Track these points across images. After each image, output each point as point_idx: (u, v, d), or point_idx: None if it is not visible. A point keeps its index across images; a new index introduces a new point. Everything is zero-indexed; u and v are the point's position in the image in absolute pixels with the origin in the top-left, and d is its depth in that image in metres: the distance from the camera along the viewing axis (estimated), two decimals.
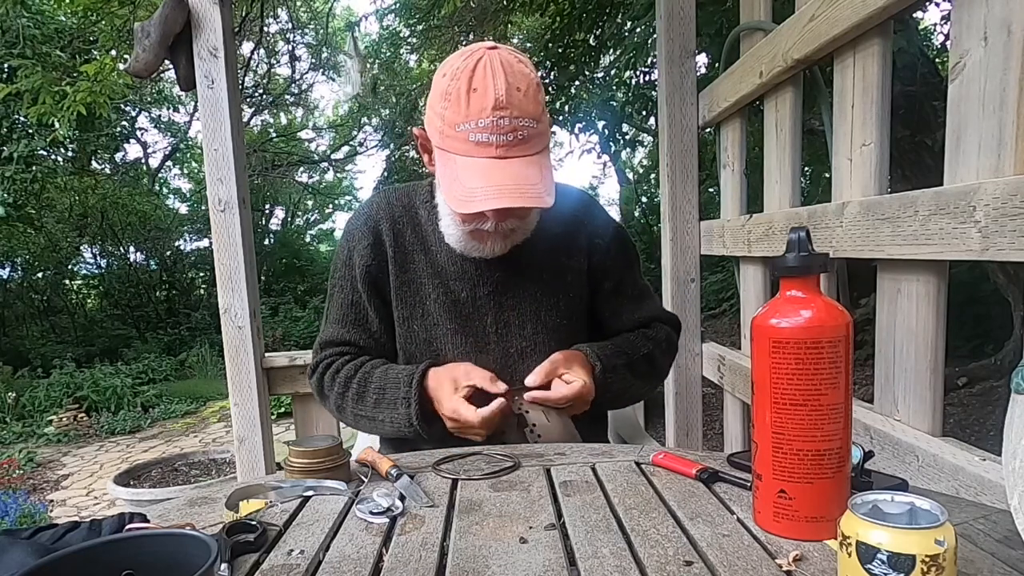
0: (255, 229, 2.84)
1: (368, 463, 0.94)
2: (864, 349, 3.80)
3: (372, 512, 0.78)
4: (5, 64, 6.49)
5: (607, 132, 6.28)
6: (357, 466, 0.95)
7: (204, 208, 7.69)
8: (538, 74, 1.05)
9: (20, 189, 7.13)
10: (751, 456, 0.71)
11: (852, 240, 1.16)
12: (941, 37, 5.34)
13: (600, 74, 6.08)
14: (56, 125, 5.63)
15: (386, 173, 10.15)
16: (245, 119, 10.67)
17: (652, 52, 4.26)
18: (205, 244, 11.61)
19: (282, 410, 5.31)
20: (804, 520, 0.67)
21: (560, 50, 5.31)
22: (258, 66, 11.16)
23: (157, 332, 10.35)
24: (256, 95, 11.26)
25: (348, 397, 1.17)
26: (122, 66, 4.48)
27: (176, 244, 11.89)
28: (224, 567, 0.65)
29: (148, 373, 8.10)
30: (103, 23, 6.00)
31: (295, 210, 14.46)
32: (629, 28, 4.83)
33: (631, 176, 11.95)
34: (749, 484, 0.76)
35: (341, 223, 15.26)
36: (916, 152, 3.35)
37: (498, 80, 0.98)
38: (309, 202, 14.90)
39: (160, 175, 12.30)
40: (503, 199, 0.98)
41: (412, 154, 9.55)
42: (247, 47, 9.84)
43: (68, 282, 11.35)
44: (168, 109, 10.75)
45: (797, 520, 0.67)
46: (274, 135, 12.69)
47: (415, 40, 7.34)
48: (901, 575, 0.50)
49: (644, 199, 11.49)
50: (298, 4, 10.44)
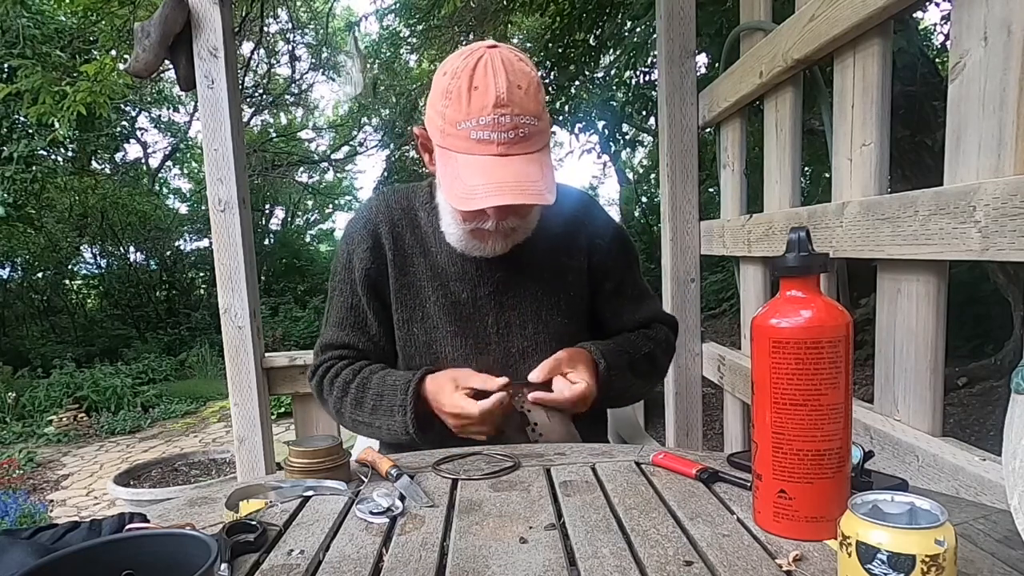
0: (255, 229, 2.84)
1: (368, 463, 0.94)
2: (864, 349, 3.80)
3: (372, 512, 0.78)
4: (5, 64, 6.49)
5: (607, 132, 6.28)
6: (357, 466, 0.95)
7: (204, 208, 7.69)
8: (538, 73, 1.05)
9: (20, 189, 7.13)
10: (751, 456, 0.71)
11: (852, 240, 1.16)
12: (941, 37, 5.34)
13: (600, 74, 6.08)
14: (56, 125, 5.63)
15: (386, 173, 10.15)
16: (245, 119, 10.67)
17: (652, 52, 4.26)
18: (205, 244, 11.61)
19: (282, 410, 5.31)
20: (804, 520, 0.67)
21: (560, 50, 5.30)
22: (258, 66, 11.16)
23: (157, 332, 10.36)
24: (256, 95, 11.27)
25: (347, 402, 1.18)
26: (122, 66, 4.48)
27: (176, 244, 11.89)
28: (224, 567, 0.65)
29: (148, 373, 8.10)
30: (103, 23, 6.00)
31: (295, 210, 14.47)
32: (629, 28, 4.83)
33: (631, 176, 11.95)
34: (749, 484, 0.76)
35: (341, 223, 15.29)
36: (916, 152, 3.35)
37: (499, 78, 0.98)
38: (309, 202, 14.91)
39: (160, 175, 12.31)
40: (504, 196, 0.98)
41: (412, 154, 9.55)
42: (247, 47, 9.84)
43: (68, 282, 11.35)
44: (168, 109, 10.76)
45: (797, 520, 0.67)
46: (274, 135, 12.70)
47: (415, 40, 7.34)
48: (901, 575, 0.50)
49: (644, 199, 11.49)
50: (298, 4, 10.44)
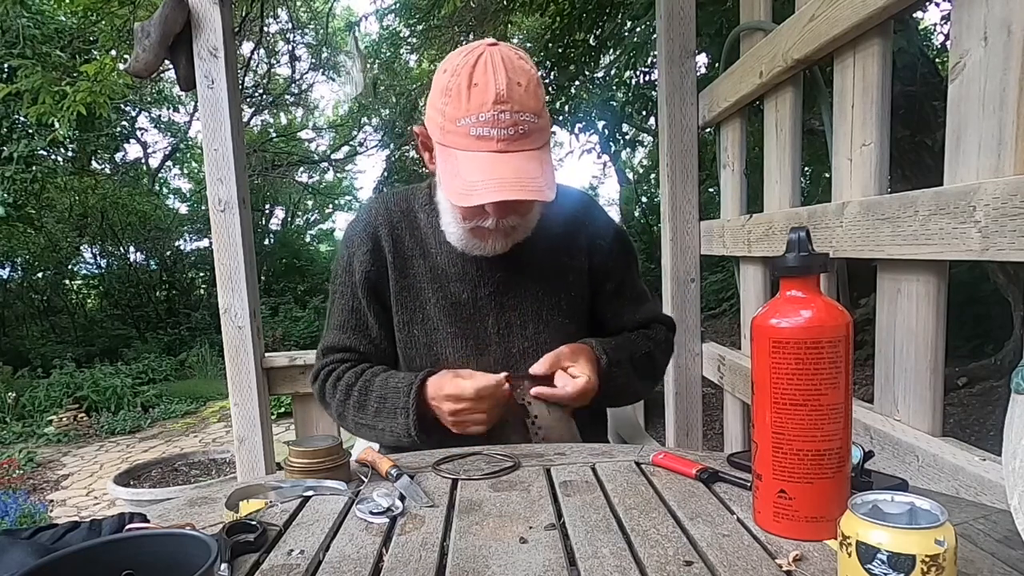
0: (255, 229, 2.84)
1: (368, 463, 0.94)
2: (864, 349, 3.80)
3: (372, 512, 0.78)
4: (5, 64, 6.49)
5: (607, 132, 6.28)
6: (357, 466, 0.95)
7: (204, 208, 7.69)
8: (539, 72, 1.05)
9: (20, 189, 7.14)
10: (751, 456, 0.71)
11: (852, 240, 1.16)
12: (941, 37, 5.34)
13: (600, 74, 6.08)
14: (56, 125, 5.63)
15: (386, 173, 10.15)
16: (245, 119, 10.67)
17: (652, 52, 4.26)
18: (205, 244, 11.61)
19: (282, 410, 5.31)
20: (804, 520, 0.67)
21: (560, 50, 5.31)
22: (258, 66, 11.16)
23: (157, 332, 10.36)
24: (256, 95, 11.27)
25: (349, 405, 1.17)
26: (122, 66, 4.48)
27: (176, 244, 11.89)
28: (224, 567, 0.65)
29: (148, 373, 8.10)
30: (103, 23, 6.00)
31: (295, 210, 14.47)
32: (629, 28, 4.83)
33: (631, 176, 11.95)
34: (749, 484, 0.76)
35: (341, 223, 15.30)
36: (916, 152, 3.35)
37: (499, 75, 0.98)
38: (309, 202, 14.91)
39: (160, 175, 12.31)
40: (504, 191, 0.98)
41: (412, 154, 9.55)
42: (247, 47, 9.84)
43: (68, 282, 11.35)
44: (168, 109, 10.76)
45: (797, 520, 0.67)
46: (274, 135, 12.70)
47: (415, 40, 7.34)
48: (901, 575, 0.50)
49: (644, 199, 11.49)
50: (298, 4, 10.44)
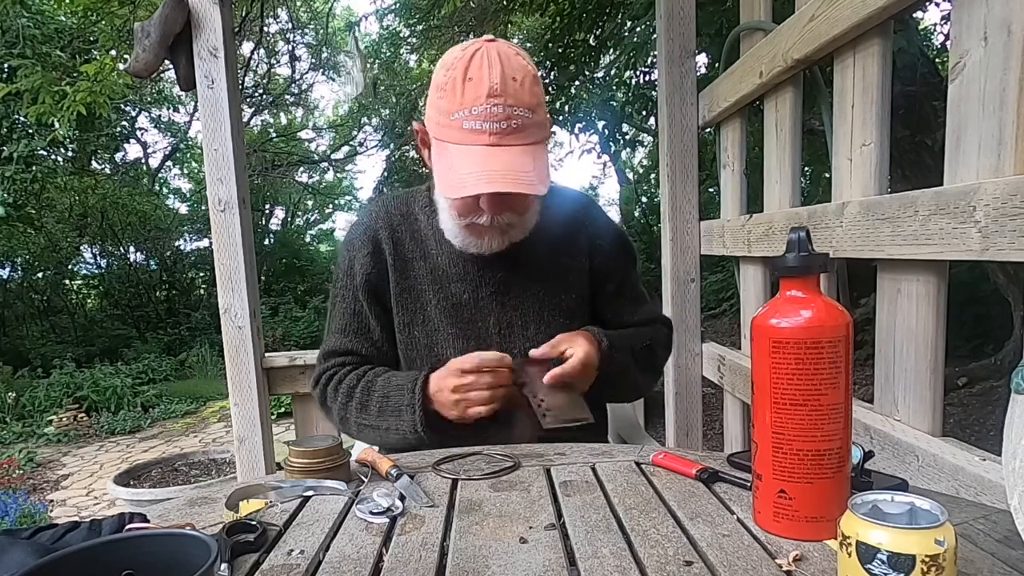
0: (255, 229, 2.84)
1: (368, 463, 0.94)
2: (864, 349, 3.80)
3: (372, 512, 0.78)
4: (5, 64, 6.49)
5: (607, 132, 6.28)
6: (357, 466, 0.95)
7: (204, 208, 7.69)
8: (537, 70, 1.05)
9: (20, 189, 7.13)
10: (751, 456, 0.71)
11: (852, 240, 1.16)
12: (941, 37, 5.34)
13: (600, 74, 6.08)
14: (56, 125, 5.63)
15: (386, 173, 10.15)
16: (245, 119, 10.67)
17: (652, 52, 4.26)
18: (205, 244, 11.61)
19: (282, 410, 5.31)
20: (804, 520, 0.67)
21: (560, 50, 5.31)
22: (258, 66, 11.17)
23: (157, 332, 10.36)
24: (256, 95, 11.27)
25: (352, 407, 1.16)
26: (122, 66, 4.48)
27: (176, 244, 11.89)
28: (224, 567, 0.65)
29: (148, 373, 8.10)
30: (103, 23, 6.00)
31: (295, 210, 14.47)
32: (629, 28, 4.83)
33: (631, 176, 11.95)
34: (749, 484, 0.76)
35: (341, 223, 15.31)
36: (916, 152, 3.35)
37: (494, 69, 0.98)
38: (309, 202, 14.91)
39: (160, 175, 12.31)
40: (494, 184, 0.98)
41: (412, 154, 9.55)
42: (247, 47, 9.85)
43: (68, 282, 11.35)
44: (168, 109, 10.77)
45: (797, 520, 0.67)
46: (274, 135, 12.70)
47: (415, 40, 7.34)
48: (901, 575, 0.50)
49: (644, 199, 11.50)
50: (298, 4, 10.44)
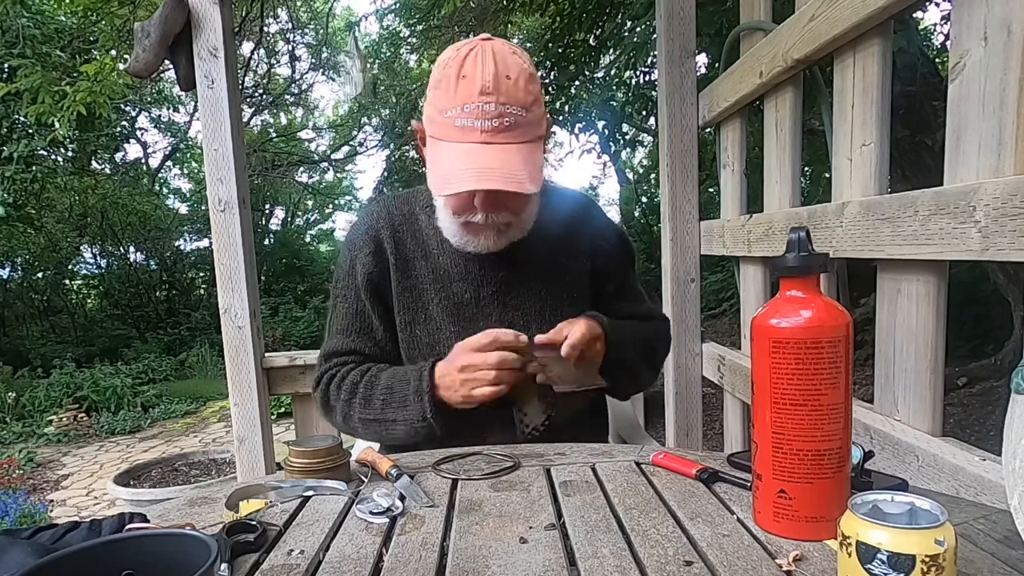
0: (255, 229, 2.84)
1: (368, 463, 0.94)
2: (864, 349, 3.80)
3: (372, 512, 0.78)
4: (5, 64, 6.49)
5: (607, 132, 6.28)
6: (357, 466, 0.95)
7: (204, 208, 7.69)
8: (533, 67, 1.05)
9: (20, 189, 7.13)
10: (751, 456, 0.71)
11: (852, 240, 1.16)
12: (941, 37, 5.34)
13: (600, 74, 6.08)
14: (56, 125, 5.63)
15: (386, 173, 10.15)
16: (245, 119, 10.67)
17: (652, 52, 4.26)
18: (205, 244, 11.62)
19: (282, 410, 5.31)
20: (804, 520, 0.67)
21: (560, 50, 5.31)
22: (258, 66, 11.17)
23: (157, 332, 10.36)
24: (256, 95, 11.27)
25: (355, 403, 1.14)
26: (122, 66, 4.48)
27: (176, 244, 11.89)
28: (224, 567, 0.65)
29: (148, 373, 8.10)
30: (103, 23, 6.00)
31: (295, 210, 14.47)
32: (629, 28, 4.83)
33: (631, 176, 11.96)
34: (749, 484, 0.76)
35: (341, 223, 15.30)
36: (916, 152, 3.35)
37: (487, 67, 0.98)
38: (309, 202, 14.91)
39: (160, 175, 12.31)
40: (483, 182, 0.98)
41: (412, 154, 9.55)
42: (247, 47, 9.85)
43: (68, 282, 11.35)
44: (168, 109, 10.77)
45: (797, 520, 0.67)
46: (274, 135, 12.70)
47: (415, 40, 7.35)
48: (901, 575, 0.50)
49: (644, 199, 11.50)
50: (298, 4, 10.44)
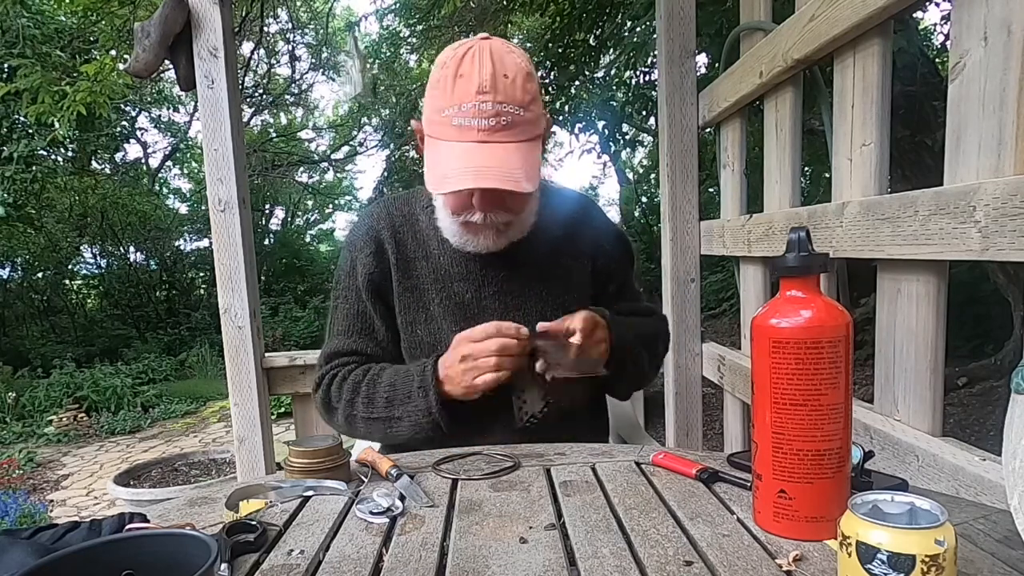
0: (255, 229, 2.84)
1: (368, 463, 0.94)
2: (864, 349, 3.80)
3: (372, 512, 0.78)
4: (5, 64, 6.49)
5: (607, 132, 6.28)
6: (357, 466, 0.95)
7: (204, 208, 7.70)
8: (532, 66, 1.05)
9: (20, 189, 7.13)
10: (751, 456, 0.71)
11: (852, 240, 1.16)
12: (941, 37, 5.34)
13: (600, 74, 6.08)
14: (56, 125, 5.62)
15: (386, 173, 10.14)
16: (245, 119, 10.68)
17: (652, 52, 4.26)
18: (205, 244, 11.62)
19: (282, 410, 5.31)
20: (804, 520, 0.67)
21: (560, 50, 5.31)
22: (258, 66, 11.17)
23: (157, 332, 10.36)
24: (256, 95, 11.27)
25: (358, 403, 1.14)
26: (122, 66, 4.47)
27: (176, 244, 11.90)
28: (224, 567, 0.65)
29: (148, 373, 8.10)
30: (103, 23, 6.00)
31: (295, 210, 14.47)
32: (629, 28, 4.83)
33: (631, 176, 11.96)
34: (749, 484, 0.76)
35: (341, 223, 15.30)
36: (916, 152, 3.35)
37: (484, 66, 0.98)
38: (309, 202, 14.92)
39: (160, 175, 12.32)
40: (479, 180, 0.98)
41: (412, 154, 9.55)
42: (247, 47, 9.85)
43: (68, 282, 11.35)
44: (168, 109, 10.77)
45: (797, 520, 0.67)
46: (274, 135, 12.70)
47: (415, 40, 7.35)
48: (901, 575, 0.50)
49: (644, 199, 11.50)
50: (298, 4, 10.45)
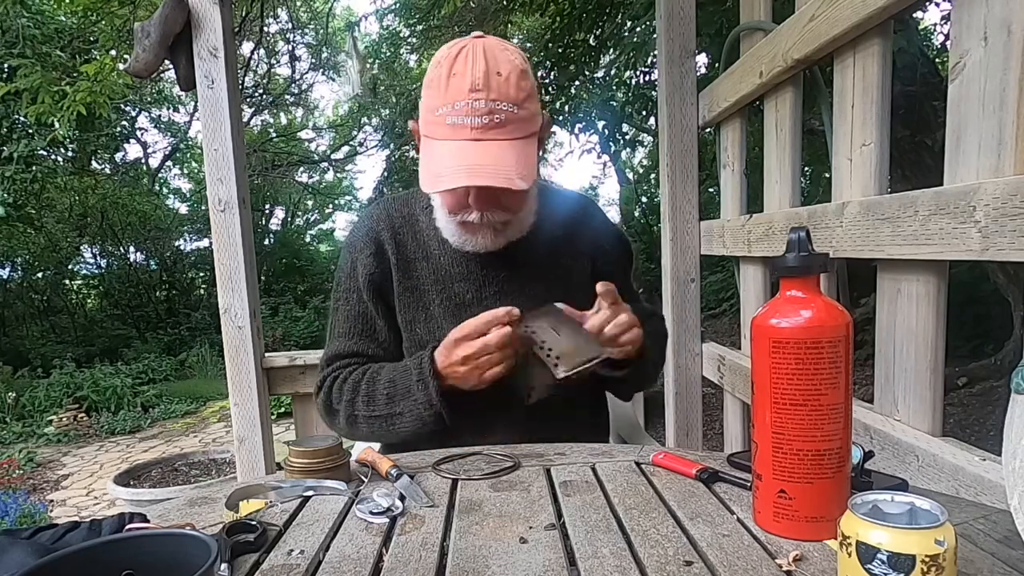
0: (255, 229, 2.84)
1: (368, 463, 0.94)
2: (864, 349, 3.80)
3: (372, 512, 0.78)
4: (5, 64, 6.49)
5: (607, 132, 6.28)
6: (357, 466, 0.95)
7: (204, 208, 7.70)
8: (528, 64, 1.04)
9: (20, 189, 7.13)
10: (751, 456, 0.71)
11: (852, 240, 1.16)
12: (941, 37, 5.34)
13: (600, 74, 6.08)
14: (56, 125, 5.62)
15: (386, 173, 10.14)
16: (245, 119, 10.68)
17: (652, 52, 4.26)
18: (205, 244, 11.62)
19: (282, 410, 5.31)
20: (804, 520, 0.67)
21: (560, 50, 5.31)
22: (258, 66, 11.17)
23: (157, 332, 10.36)
24: (256, 95, 11.27)
25: (359, 402, 1.14)
26: (122, 66, 4.47)
27: (176, 244, 11.90)
28: (224, 567, 0.65)
29: (148, 373, 8.10)
30: (103, 23, 6.00)
31: (295, 210, 14.47)
32: (629, 28, 4.83)
33: (631, 176, 11.95)
34: (749, 484, 0.76)
35: (341, 223, 15.30)
36: (916, 152, 3.35)
37: (478, 64, 0.98)
38: (309, 202, 14.91)
39: (160, 175, 12.31)
40: (472, 178, 0.97)
41: (412, 154, 9.55)
42: (247, 47, 9.85)
43: (68, 282, 11.35)
44: (168, 109, 10.77)
45: (797, 520, 0.67)
46: (274, 135, 12.70)
47: (415, 40, 7.35)
48: (901, 575, 0.50)
49: (644, 199, 11.50)
50: (298, 4, 10.45)
